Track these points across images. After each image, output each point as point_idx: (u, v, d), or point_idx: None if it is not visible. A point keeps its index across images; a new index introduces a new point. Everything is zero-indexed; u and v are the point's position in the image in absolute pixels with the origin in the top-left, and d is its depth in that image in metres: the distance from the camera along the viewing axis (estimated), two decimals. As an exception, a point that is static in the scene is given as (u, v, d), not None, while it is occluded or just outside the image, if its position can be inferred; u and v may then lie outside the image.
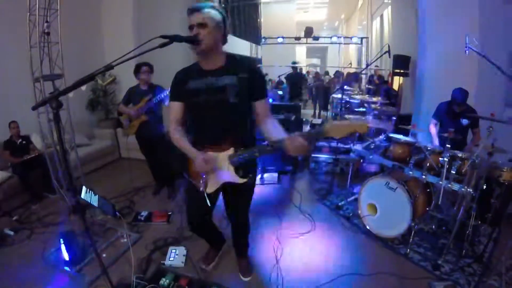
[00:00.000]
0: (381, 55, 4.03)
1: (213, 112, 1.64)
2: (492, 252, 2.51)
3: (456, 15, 3.74)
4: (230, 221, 2.21)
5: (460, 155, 2.41)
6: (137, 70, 3.25)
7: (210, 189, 1.74)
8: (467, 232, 2.52)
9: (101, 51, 5.38)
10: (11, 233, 2.79)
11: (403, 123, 3.25)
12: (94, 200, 1.81)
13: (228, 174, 1.67)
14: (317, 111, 9.50)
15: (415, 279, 2.30)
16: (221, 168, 1.67)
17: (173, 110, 1.73)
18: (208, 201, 1.78)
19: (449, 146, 2.36)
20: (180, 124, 1.75)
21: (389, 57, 3.98)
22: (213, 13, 1.53)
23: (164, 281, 2.17)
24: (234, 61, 1.64)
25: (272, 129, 1.61)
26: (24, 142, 3.54)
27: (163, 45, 1.45)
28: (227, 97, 1.59)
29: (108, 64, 1.43)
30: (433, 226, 2.87)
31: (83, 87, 4.05)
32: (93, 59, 5.15)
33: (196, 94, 1.62)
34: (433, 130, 3.27)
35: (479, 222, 2.62)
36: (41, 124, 2.72)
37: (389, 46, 3.86)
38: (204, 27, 1.50)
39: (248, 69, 1.62)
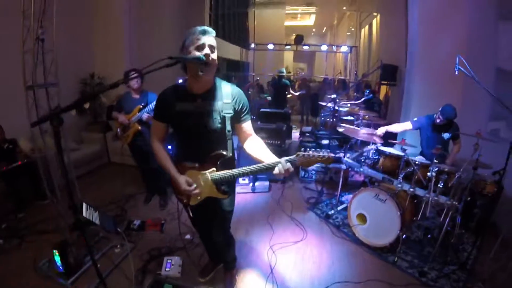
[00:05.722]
0: (375, 70, 4.16)
1: (198, 135, 1.69)
2: (475, 259, 2.66)
3: (447, 29, 3.90)
4: (212, 236, 2.19)
5: (446, 169, 2.55)
6: (126, 79, 3.16)
7: (193, 202, 1.81)
8: (452, 240, 2.67)
9: (91, 61, 5.30)
10: (0, 241, 2.71)
11: (393, 137, 3.39)
12: (95, 217, 1.80)
13: (210, 191, 1.75)
14: (304, 117, 9.65)
15: (403, 285, 2.42)
16: (203, 185, 1.74)
17: (156, 129, 1.78)
18: (191, 212, 1.90)
19: (436, 161, 2.49)
20: (162, 141, 1.81)
21: (381, 71, 4.11)
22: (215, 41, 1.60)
23: (162, 292, 2.17)
24: (221, 86, 1.70)
25: (260, 151, 1.69)
26: (11, 146, 3.43)
27: (169, 65, 1.49)
28: (212, 121, 1.65)
29: (114, 82, 1.44)
30: (419, 234, 3.02)
31: (86, 105, 3.97)
32: (83, 68, 5.07)
33: (184, 117, 1.66)
34: (399, 127, 3.48)
35: (463, 230, 2.78)
36: (32, 131, 2.63)
37: (381, 62, 3.99)
38: (214, 51, 1.56)
39: (232, 94, 1.69)
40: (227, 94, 1.68)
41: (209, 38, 1.55)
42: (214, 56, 1.56)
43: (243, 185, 4.11)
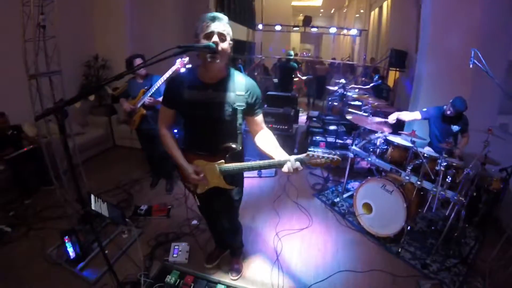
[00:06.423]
0: (384, 59, 4.04)
1: (208, 125, 1.65)
2: (477, 254, 2.67)
3: (460, 20, 3.77)
4: (220, 224, 2.24)
5: (455, 164, 2.52)
6: (131, 65, 3.12)
7: (200, 190, 1.82)
8: (455, 233, 2.68)
9: (94, 43, 5.19)
10: (9, 229, 2.71)
11: (400, 127, 3.34)
12: (104, 209, 1.79)
13: (217, 181, 1.75)
14: (311, 100, 9.54)
15: (406, 277, 2.45)
16: (211, 175, 1.74)
17: (164, 115, 1.75)
18: (198, 200, 1.93)
19: (446, 155, 2.45)
20: (170, 127, 1.79)
21: (391, 59, 3.97)
22: (230, 28, 1.51)
23: (170, 278, 2.21)
24: (234, 77, 1.63)
25: (270, 146, 1.65)
26: (15, 132, 3.42)
27: (176, 54, 1.44)
28: (223, 113, 1.60)
29: (119, 74, 1.41)
30: (423, 226, 3.03)
31: (91, 97, 3.90)
32: (86, 50, 4.99)
33: (193, 106, 1.61)
34: (409, 115, 3.39)
35: (466, 225, 2.78)
36: (34, 112, 2.59)
37: (391, 50, 3.86)
38: (224, 39, 1.47)
39: (246, 86, 1.62)
40: (241, 86, 1.61)
41: (219, 25, 1.45)
42: (224, 45, 1.47)
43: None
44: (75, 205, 2.96)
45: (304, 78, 8.73)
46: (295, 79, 7.75)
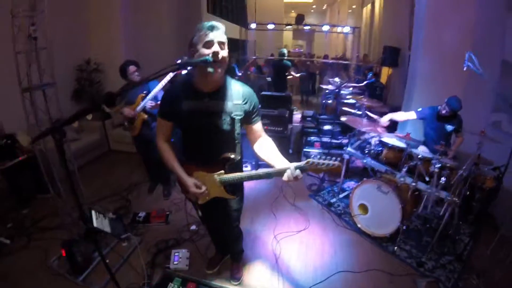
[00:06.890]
0: (378, 60, 4.07)
1: (207, 135, 1.65)
2: (471, 251, 2.75)
3: (455, 18, 3.81)
4: (222, 232, 2.26)
5: (449, 164, 2.57)
6: (124, 73, 3.10)
7: (202, 201, 1.82)
8: (450, 231, 2.75)
9: (86, 47, 5.12)
10: (7, 241, 2.68)
11: (393, 126, 3.38)
12: (106, 225, 1.80)
13: (218, 192, 1.76)
14: (304, 98, 9.57)
15: (402, 275, 2.51)
16: (211, 186, 1.74)
17: (162, 127, 1.74)
18: (200, 211, 1.96)
19: (440, 157, 2.51)
20: (168, 139, 1.78)
21: (384, 57, 4.01)
22: (226, 37, 1.50)
23: (172, 286, 2.23)
24: (231, 85, 1.62)
25: (270, 154, 1.65)
26: (9, 141, 3.37)
27: (175, 70, 1.46)
28: (221, 121, 1.60)
29: (119, 90, 1.42)
30: (418, 224, 3.10)
31: (89, 117, 3.84)
32: (78, 54, 4.92)
33: (191, 116, 1.60)
34: (403, 116, 3.46)
35: (460, 222, 2.86)
36: (29, 126, 2.56)
37: (385, 47, 3.88)
38: (223, 48, 1.48)
39: (243, 95, 1.62)
40: (238, 94, 1.61)
41: (218, 34, 1.45)
42: (224, 53, 1.47)
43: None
44: (72, 214, 2.95)
45: (297, 75, 8.72)
46: (288, 77, 7.71)
